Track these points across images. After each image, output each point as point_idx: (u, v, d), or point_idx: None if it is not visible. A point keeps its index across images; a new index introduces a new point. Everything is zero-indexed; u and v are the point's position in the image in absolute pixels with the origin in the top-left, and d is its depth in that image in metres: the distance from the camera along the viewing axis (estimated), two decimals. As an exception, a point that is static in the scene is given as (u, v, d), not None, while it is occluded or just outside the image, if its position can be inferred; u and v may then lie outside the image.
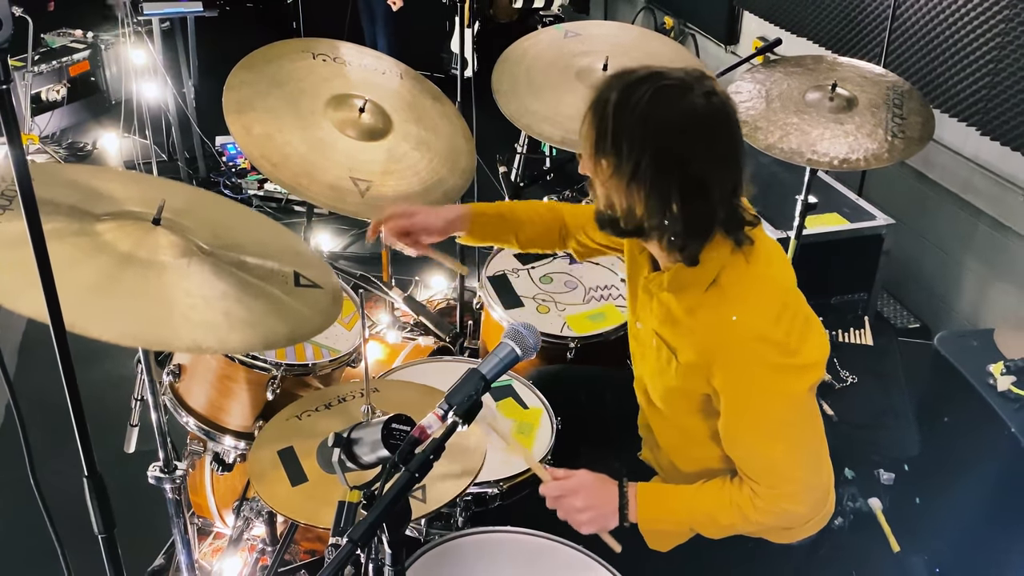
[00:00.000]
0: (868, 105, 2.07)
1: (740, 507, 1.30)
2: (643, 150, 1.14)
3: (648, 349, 1.38)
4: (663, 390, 1.36)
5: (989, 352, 1.88)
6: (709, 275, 1.23)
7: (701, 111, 1.14)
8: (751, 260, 1.24)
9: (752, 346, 1.20)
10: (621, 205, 1.20)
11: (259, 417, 1.63)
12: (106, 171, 1.67)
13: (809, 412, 1.30)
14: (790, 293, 1.27)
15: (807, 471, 1.31)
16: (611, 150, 1.17)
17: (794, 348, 1.21)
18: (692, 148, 1.15)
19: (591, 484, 1.35)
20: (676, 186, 1.15)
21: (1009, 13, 2.25)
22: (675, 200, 1.16)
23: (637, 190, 1.17)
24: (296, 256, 1.47)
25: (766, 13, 3.47)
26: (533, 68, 2.19)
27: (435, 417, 1.05)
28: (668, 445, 1.47)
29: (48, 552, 1.13)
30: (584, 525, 1.33)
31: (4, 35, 0.85)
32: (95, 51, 4.41)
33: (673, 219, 1.18)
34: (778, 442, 1.27)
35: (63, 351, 1.01)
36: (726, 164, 1.18)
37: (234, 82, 1.76)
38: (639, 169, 1.15)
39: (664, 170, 1.15)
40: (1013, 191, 2.41)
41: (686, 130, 1.14)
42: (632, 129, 1.15)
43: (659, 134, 1.14)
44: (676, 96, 1.14)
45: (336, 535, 1.03)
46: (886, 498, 2.09)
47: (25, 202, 0.93)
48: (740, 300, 1.22)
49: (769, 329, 1.20)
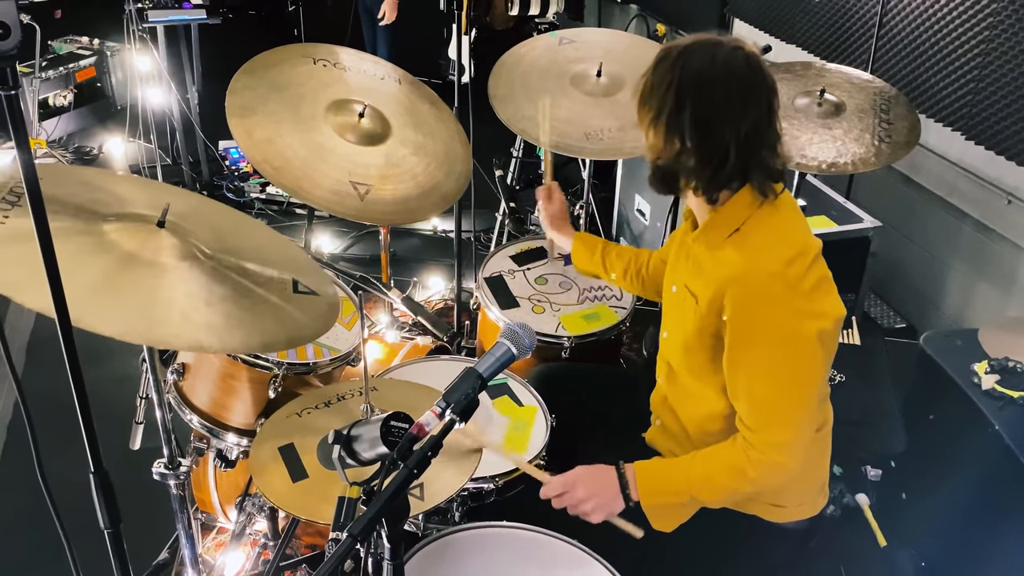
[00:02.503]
0: (856, 110, 2.10)
1: (735, 464, 1.34)
2: (667, 91, 1.29)
3: (676, 307, 1.46)
4: (683, 340, 1.41)
5: (973, 351, 1.89)
6: (735, 222, 1.33)
7: (720, 59, 1.28)
8: (775, 215, 1.33)
9: (762, 279, 1.27)
10: (656, 149, 1.34)
11: (261, 415, 1.65)
12: (112, 174, 1.68)
13: (811, 361, 1.31)
14: (809, 247, 1.32)
15: (800, 421, 1.33)
16: (644, 101, 1.33)
17: (805, 291, 1.27)
18: (706, 89, 1.27)
19: (589, 474, 1.38)
20: (689, 122, 1.28)
21: (993, 21, 2.28)
22: (690, 135, 1.28)
23: (661, 130, 1.31)
24: (295, 264, 1.49)
25: (756, 20, 3.50)
26: (529, 74, 2.21)
27: (433, 415, 1.06)
28: (683, 412, 1.50)
29: (55, 546, 1.14)
30: (592, 514, 1.36)
31: (12, 42, 0.85)
32: (101, 57, 4.44)
33: (687, 153, 1.29)
34: (776, 382, 1.30)
35: (70, 349, 1.01)
36: (739, 109, 1.28)
37: (236, 87, 1.77)
38: (663, 109, 1.29)
39: (680, 107, 1.28)
40: (997, 194, 2.44)
41: (702, 74, 1.28)
42: (660, 77, 1.30)
43: (680, 76, 1.28)
44: (701, 49, 1.29)
45: (336, 530, 1.03)
46: (873, 494, 2.09)
47: (33, 205, 0.94)
48: (758, 242, 1.31)
49: (781, 268, 1.27)
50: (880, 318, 2.77)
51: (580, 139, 2.07)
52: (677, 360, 1.48)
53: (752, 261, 1.29)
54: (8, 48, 0.85)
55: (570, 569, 1.36)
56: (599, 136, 2.08)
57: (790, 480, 1.37)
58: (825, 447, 1.50)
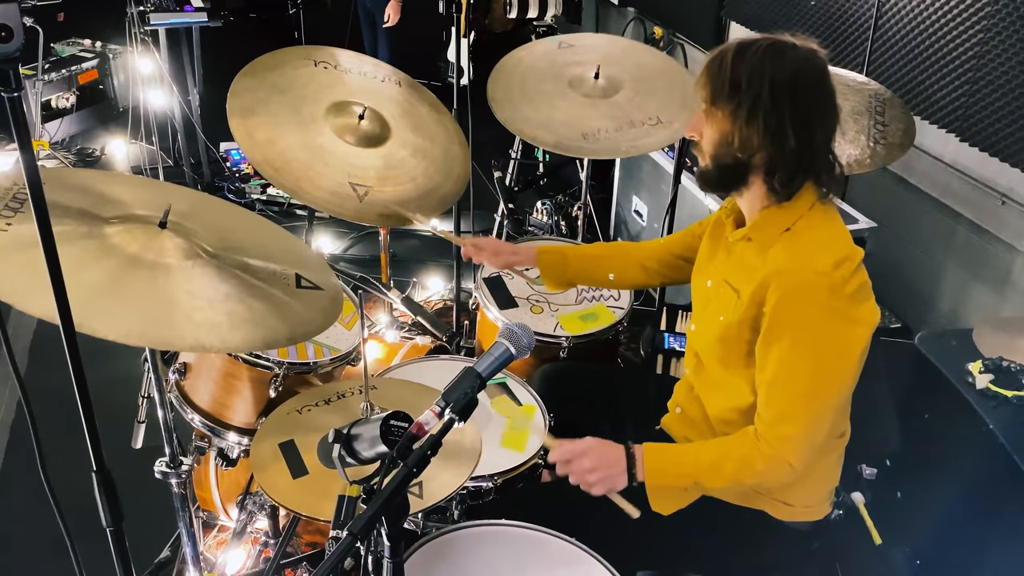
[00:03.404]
0: (851, 112, 2.11)
1: (744, 455, 1.35)
2: (761, 86, 1.29)
3: (711, 300, 1.47)
4: (720, 331, 1.42)
5: (968, 351, 1.88)
6: (788, 220, 1.35)
7: (809, 60, 1.32)
8: (825, 219, 1.35)
9: (809, 277, 1.29)
10: (738, 141, 1.33)
11: (262, 414, 1.66)
12: (114, 176, 1.69)
13: (839, 367, 1.32)
14: (856, 253, 1.35)
15: (813, 421, 1.34)
16: (729, 95, 1.32)
17: (847, 294, 1.29)
18: (802, 89, 1.30)
19: (598, 446, 1.39)
20: (789, 119, 1.29)
21: (987, 24, 2.30)
22: (789, 131, 1.29)
23: (755, 124, 1.30)
24: (297, 259, 1.49)
25: (752, 23, 3.51)
26: (527, 77, 2.23)
27: (432, 414, 1.07)
28: (706, 399, 1.52)
29: (58, 544, 1.14)
30: (594, 486, 1.36)
31: (15, 45, 0.85)
32: (103, 60, 4.47)
33: (787, 150, 1.30)
34: (799, 378, 1.31)
35: (72, 350, 1.02)
36: (827, 110, 1.33)
37: (237, 89, 1.78)
38: (758, 103, 1.29)
39: (779, 104, 1.29)
40: (991, 195, 2.45)
41: (797, 73, 1.30)
42: (751, 72, 1.30)
43: (775, 74, 1.29)
44: (787, 48, 1.32)
45: (336, 528, 1.05)
46: (868, 492, 2.08)
47: (36, 206, 0.94)
48: (809, 242, 1.33)
49: (828, 268, 1.29)
50: (876, 318, 2.78)
51: (577, 139, 2.09)
52: (708, 351, 1.49)
53: (801, 258, 1.31)
54: (11, 51, 0.85)
55: (569, 567, 1.37)
56: (596, 136, 2.09)
57: (793, 480, 1.38)
58: (840, 457, 1.51)
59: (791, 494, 1.48)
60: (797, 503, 1.48)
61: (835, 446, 1.45)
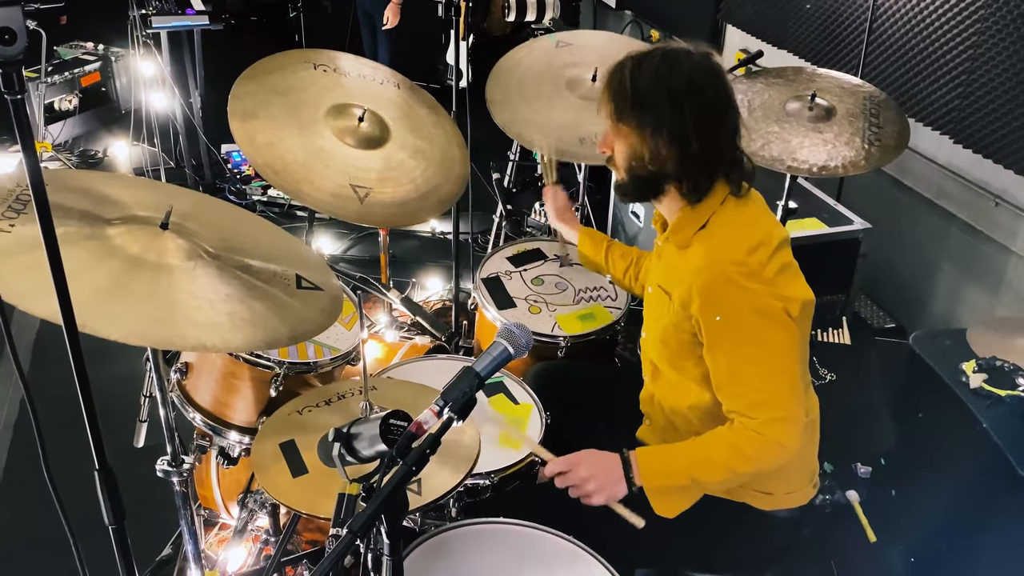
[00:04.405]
0: (846, 114, 2.11)
1: (735, 443, 1.35)
2: (660, 97, 1.33)
3: (652, 307, 1.51)
4: (660, 335, 1.46)
5: (962, 351, 1.90)
6: (701, 218, 1.38)
7: (703, 65, 1.35)
8: (740, 210, 1.38)
9: (725, 267, 1.32)
10: (648, 154, 1.37)
11: (263, 413, 1.67)
12: (116, 177, 1.70)
13: (784, 334, 1.33)
14: (772, 237, 1.36)
15: (789, 395, 1.35)
16: (632, 108, 1.36)
17: (768, 278, 1.31)
18: (701, 93, 1.34)
19: (592, 456, 1.40)
20: (691, 126, 1.33)
21: (981, 27, 2.32)
22: (692, 137, 1.33)
23: (660, 136, 1.34)
24: (298, 259, 1.50)
25: (748, 26, 3.52)
26: (525, 79, 2.23)
27: (431, 413, 1.07)
28: (669, 406, 1.54)
29: (61, 542, 1.15)
30: (594, 496, 1.37)
31: (19, 48, 0.85)
32: (106, 63, 4.48)
33: (693, 155, 1.33)
34: (757, 360, 1.33)
35: (75, 350, 1.02)
36: (726, 110, 1.36)
37: (238, 92, 1.79)
38: (660, 115, 1.33)
39: (680, 112, 1.32)
40: (984, 197, 2.47)
41: (694, 79, 1.33)
42: (649, 84, 1.34)
43: (672, 83, 1.33)
44: (681, 56, 1.35)
45: (336, 526, 1.05)
46: (863, 491, 2.10)
47: (39, 207, 0.94)
48: (722, 235, 1.36)
49: (742, 256, 1.32)
50: (870, 318, 2.79)
51: (575, 143, 2.10)
52: (657, 356, 1.52)
53: (715, 252, 1.34)
54: (14, 53, 0.85)
55: (566, 564, 1.37)
56: (593, 141, 2.11)
57: (790, 460, 1.38)
58: (813, 436, 1.52)
59: (770, 483, 1.48)
60: (777, 491, 1.49)
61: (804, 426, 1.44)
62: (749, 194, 1.42)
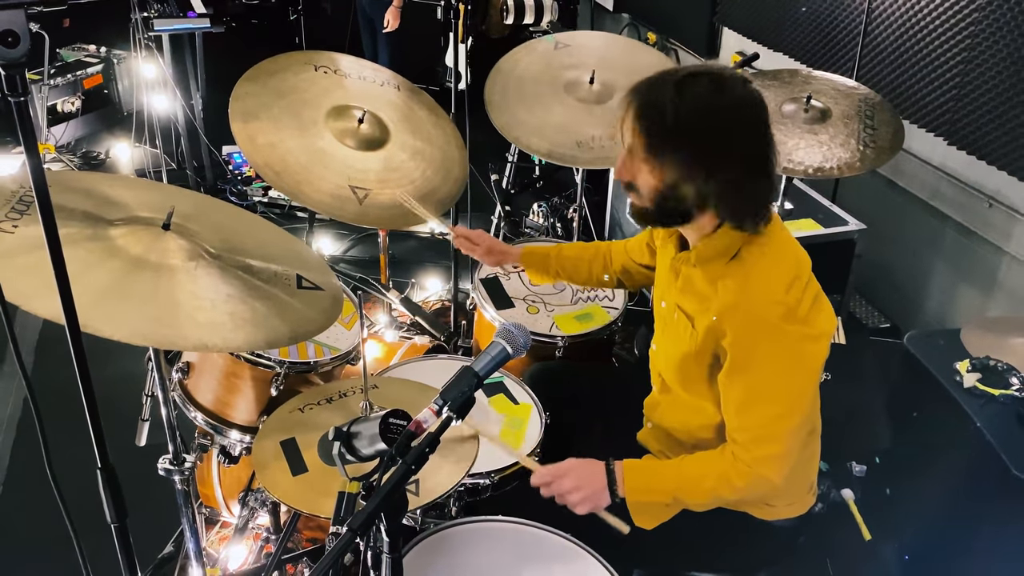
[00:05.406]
0: (841, 116, 2.13)
1: (723, 472, 1.36)
2: (708, 136, 1.22)
3: (668, 324, 1.47)
4: (679, 358, 1.43)
5: (956, 351, 1.89)
6: (732, 248, 1.33)
7: (747, 97, 1.25)
8: (769, 237, 1.33)
9: (763, 307, 1.28)
10: (686, 191, 1.27)
11: (264, 412, 1.67)
12: (118, 179, 1.70)
13: (807, 384, 1.34)
14: (803, 269, 1.35)
15: (790, 439, 1.35)
16: (670, 145, 1.24)
17: (802, 316, 1.29)
18: (752, 127, 1.25)
19: (578, 466, 1.40)
20: (742, 162, 1.24)
21: (974, 30, 2.33)
22: (743, 173, 1.24)
23: (704, 174, 1.24)
24: (298, 259, 1.51)
25: (744, 29, 3.54)
26: (523, 81, 2.24)
27: (430, 412, 1.08)
28: (673, 418, 1.53)
29: (63, 540, 1.15)
30: (578, 505, 1.36)
31: (22, 50, 0.85)
32: (108, 65, 4.49)
33: (741, 190, 1.25)
34: (772, 404, 1.32)
35: (78, 350, 1.03)
36: (766, 132, 1.27)
37: (239, 93, 1.80)
38: (705, 153, 1.23)
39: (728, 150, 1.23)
40: (978, 198, 2.48)
41: (743, 113, 1.24)
42: (693, 116, 1.22)
43: (721, 119, 1.23)
44: (726, 83, 1.24)
45: (336, 524, 1.06)
46: (858, 489, 2.10)
47: (42, 209, 0.94)
48: (757, 269, 1.31)
49: (780, 294, 1.28)
50: (865, 318, 2.80)
51: (572, 147, 2.11)
52: (670, 376, 1.49)
53: (753, 290, 1.29)
54: (17, 56, 0.85)
55: (565, 563, 1.38)
56: (590, 144, 2.12)
57: (774, 493, 1.40)
58: (815, 450, 1.52)
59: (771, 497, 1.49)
60: (779, 503, 1.50)
61: (808, 442, 1.45)
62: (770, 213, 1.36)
